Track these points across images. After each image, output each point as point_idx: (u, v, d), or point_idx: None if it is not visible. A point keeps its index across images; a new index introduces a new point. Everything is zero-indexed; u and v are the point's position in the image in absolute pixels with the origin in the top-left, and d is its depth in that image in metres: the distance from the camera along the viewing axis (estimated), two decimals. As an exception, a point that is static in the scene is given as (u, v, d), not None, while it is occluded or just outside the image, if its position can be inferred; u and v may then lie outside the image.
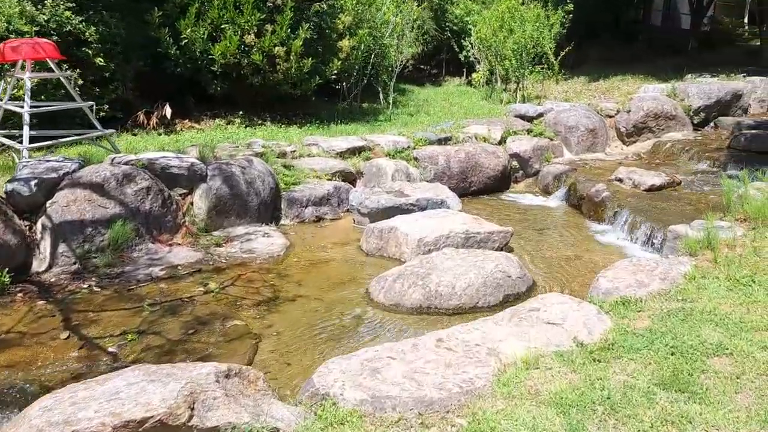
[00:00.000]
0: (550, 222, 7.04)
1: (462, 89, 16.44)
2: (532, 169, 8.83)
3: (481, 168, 8.13)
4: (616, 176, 7.59)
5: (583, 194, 7.35)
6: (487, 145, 8.46)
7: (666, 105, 9.99)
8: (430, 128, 8.98)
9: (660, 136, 9.99)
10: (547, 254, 5.82)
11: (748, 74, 11.37)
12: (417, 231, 5.39)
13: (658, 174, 7.44)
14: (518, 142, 8.85)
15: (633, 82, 13.35)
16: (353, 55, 10.73)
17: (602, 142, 9.63)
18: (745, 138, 8.76)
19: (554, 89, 14.25)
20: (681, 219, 6.03)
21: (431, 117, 11.65)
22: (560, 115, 9.53)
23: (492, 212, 7.45)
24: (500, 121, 9.41)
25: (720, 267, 4.12)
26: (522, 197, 8.32)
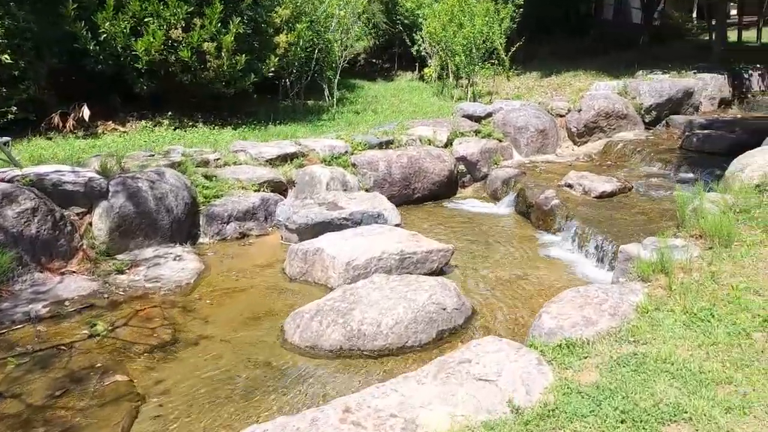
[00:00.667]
0: (497, 233, 6.56)
1: (414, 85, 15.92)
2: (480, 172, 8.35)
3: (425, 173, 7.60)
4: (566, 182, 7.17)
5: (532, 202, 6.90)
6: (432, 149, 7.93)
7: (617, 104, 9.66)
8: (371, 130, 8.41)
9: (611, 136, 9.66)
10: (491, 273, 5.32)
11: (699, 71, 11.15)
12: (346, 252, 4.82)
13: (609, 179, 7.04)
14: (465, 144, 8.36)
15: (585, 78, 13.05)
16: (292, 51, 10.06)
17: (553, 143, 9.23)
18: (697, 138, 8.47)
19: (506, 85, 13.86)
20: (633, 230, 5.63)
21: (378, 116, 11.08)
22: (509, 115, 9.08)
23: (435, 222, 6.94)
24: (447, 122, 8.90)
25: (675, 296, 3.67)
26: (469, 204, 7.83)
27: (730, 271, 3.86)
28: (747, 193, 4.88)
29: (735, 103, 11.13)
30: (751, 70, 11.43)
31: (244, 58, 8.96)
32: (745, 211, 4.62)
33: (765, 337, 3.14)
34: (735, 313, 3.39)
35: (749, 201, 4.74)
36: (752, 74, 11.40)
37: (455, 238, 6.35)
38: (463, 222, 6.98)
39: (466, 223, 6.95)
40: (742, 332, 3.19)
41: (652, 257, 4.12)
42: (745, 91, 11.24)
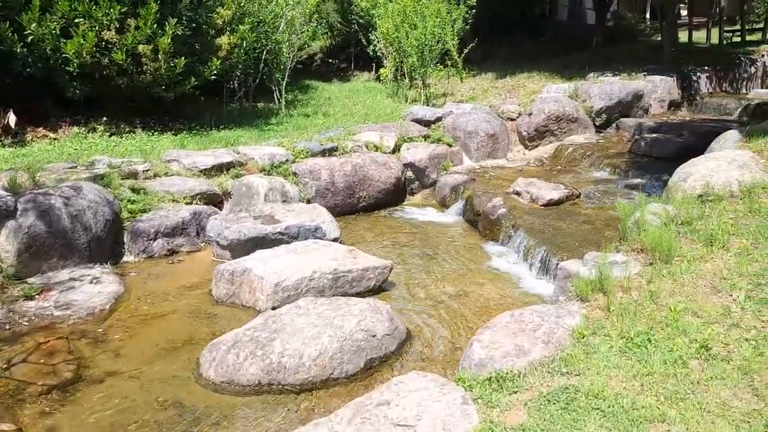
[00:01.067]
0: (443, 243, 6.35)
1: (369, 85, 15.68)
2: (429, 179, 8.14)
3: (370, 181, 7.35)
4: (514, 189, 7.00)
5: (479, 210, 6.72)
6: (378, 155, 7.68)
7: (568, 107, 9.57)
8: (316, 137, 8.11)
9: (562, 140, 9.57)
10: (432, 289, 5.10)
11: (649, 73, 11.16)
12: (276, 272, 4.53)
13: (556, 187, 6.90)
14: (414, 150, 8.13)
15: (539, 80, 13.01)
16: (235, 53, 9.68)
17: (504, 148, 9.09)
18: (645, 143, 8.43)
19: (461, 87, 13.74)
20: (578, 241, 5.48)
21: (329, 119, 10.79)
22: (459, 119, 8.90)
23: (380, 233, 6.69)
24: (395, 127, 8.66)
25: (613, 318, 3.50)
26: (417, 212, 7.61)
27: (669, 289, 3.71)
28: (689, 203, 4.77)
29: (684, 105, 11.18)
30: (700, 72, 11.51)
31: (184, 61, 8.56)
32: (687, 223, 4.50)
33: (701, 366, 2.97)
34: (672, 338, 3.22)
35: (691, 212, 4.62)
36: (700, 76, 11.48)
37: (399, 250, 6.12)
38: (409, 232, 6.75)
39: (412, 233, 6.72)
40: (678, 360, 3.02)
41: (592, 275, 3.95)
42: (693, 93, 11.31)
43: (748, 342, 3.10)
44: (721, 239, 4.14)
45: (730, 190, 4.81)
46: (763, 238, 4.12)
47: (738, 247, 4.05)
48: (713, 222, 4.42)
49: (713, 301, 3.53)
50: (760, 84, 12.16)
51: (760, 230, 4.22)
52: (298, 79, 15.94)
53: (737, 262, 3.87)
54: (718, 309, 3.42)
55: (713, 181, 4.88)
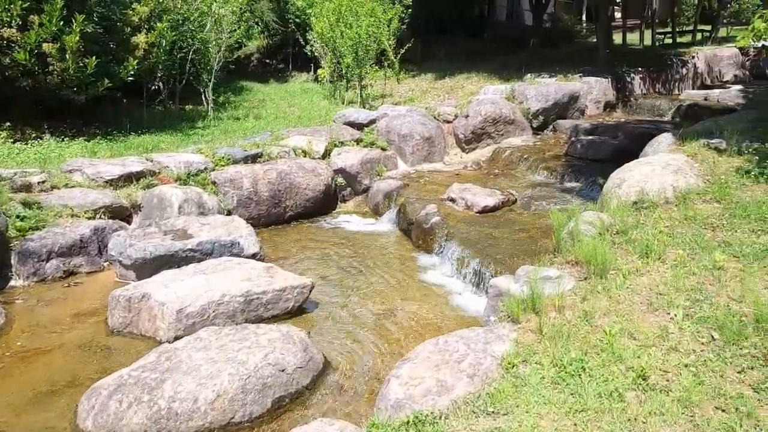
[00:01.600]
0: (374, 255, 5.97)
1: (307, 87, 15.21)
2: (362, 185, 7.76)
3: (297, 189, 6.91)
4: (449, 195, 6.69)
5: (412, 219, 6.38)
6: (306, 161, 7.24)
7: (504, 109, 9.37)
8: (240, 142, 7.60)
9: (500, 142, 9.36)
10: (358, 308, 4.71)
11: (584, 74, 11.12)
12: (179, 297, 4.04)
13: (492, 192, 6.63)
14: (345, 155, 7.73)
15: (478, 81, 12.84)
16: (155, 52, 9.04)
17: (440, 151, 8.80)
18: (582, 145, 8.29)
19: (400, 88, 13.44)
20: (513, 252, 5.20)
21: (260, 122, 10.28)
22: (393, 122, 8.55)
23: (307, 245, 6.26)
24: (326, 131, 8.24)
25: (546, 342, 3.19)
26: (349, 220, 7.21)
27: (604, 308, 3.43)
28: (624, 211, 4.54)
29: (619, 106, 11.19)
30: (633, 73, 11.55)
31: (95, 61, 7.90)
32: (622, 233, 4.26)
33: (639, 399, 2.69)
34: (608, 365, 2.93)
35: (626, 221, 4.39)
36: (634, 77, 11.52)
37: (326, 263, 5.71)
38: (339, 243, 6.35)
39: (342, 243, 6.32)
40: (614, 393, 2.73)
41: (523, 293, 3.65)
42: (628, 94, 11.34)
43: (687, 369, 2.84)
44: (657, 250, 3.91)
45: (665, 197, 4.62)
46: (699, 248, 3.91)
47: (674, 259, 3.83)
48: (649, 231, 4.20)
49: (650, 320, 3.27)
50: (691, 85, 12.33)
51: (696, 239, 4.01)
52: (233, 80, 15.31)
53: (674, 275, 3.63)
54: (655, 330, 3.16)
55: (648, 187, 4.68)
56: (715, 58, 12.70)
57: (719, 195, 4.55)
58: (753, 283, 3.41)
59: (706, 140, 5.51)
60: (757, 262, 3.63)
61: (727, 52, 12.89)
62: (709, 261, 3.71)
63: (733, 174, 4.86)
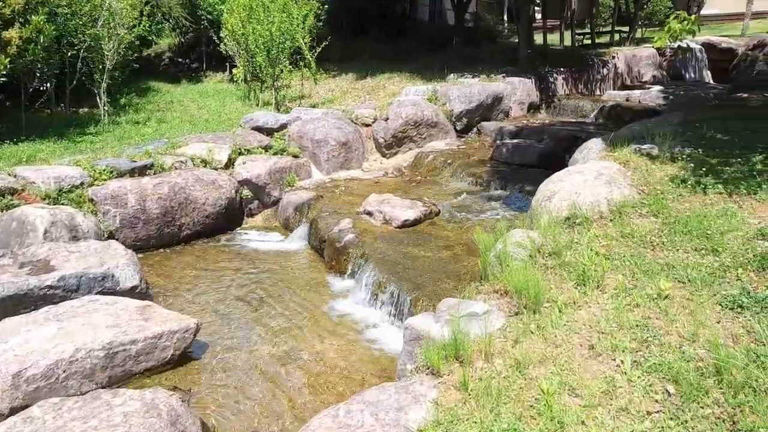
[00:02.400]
0: (281, 280, 5.25)
1: (221, 87, 14.23)
2: (271, 197, 7.00)
3: (195, 204, 6.08)
4: (365, 208, 6.05)
5: (324, 236, 5.69)
6: (204, 172, 6.41)
7: (426, 111, 8.84)
8: (128, 151, 6.68)
9: (422, 146, 8.83)
10: (255, 352, 3.99)
11: (507, 75, 10.78)
12: (18, 355, 3.19)
13: (413, 204, 6.04)
14: (251, 164, 6.95)
15: (400, 81, 12.32)
16: (31, 48, 7.93)
17: (358, 157, 8.15)
18: (507, 149, 7.86)
19: (319, 88, 12.72)
20: (435, 275, 4.61)
21: (163, 126, 9.32)
22: (306, 126, 7.83)
23: (204, 269, 5.46)
24: (230, 137, 7.42)
25: (472, 403, 2.60)
26: (256, 238, 6.45)
27: (540, 353, 2.87)
28: (556, 228, 4.03)
29: (542, 107, 10.92)
30: (556, 74, 11.32)
31: (-46, 58, 6.78)
32: (556, 255, 3.74)
33: (587, 487, 2.12)
34: (547, 436, 2.36)
35: (559, 240, 3.87)
36: (557, 77, 11.29)
37: (223, 293, 4.94)
38: (242, 266, 5.58)
39: (246, 266, 5.56)
40: (557, 479, 2.15)
41: (445, 336, 3.04)
42: (551, 95, 11.09)
43: (643, 439, 2.30)
44: (594, 276, 3.39)
45: (599, 211, 4.14)
46: (640, 271, 3.42)
47: (614, 287, 3.32)
48: (584, 252, 3.69)
49: (593, 369, 2.73)
50: (612, 85, 12.26)
51: (636, 261, 3.53)
52: (140, 80, 14.12)
53: (615, 307, 3.12)
54: (600, 383, 2.62)
55: (580, 200, 4.19)
56: (634, 58, 12.71)
57: (656, 208, 4.11)
58: (704, 316, 2.93)
59: (637, 146, 5.12)
60: (705, 289, 3.17)
61: (645, 53, 12.94)
62: (653, 288, 3.22)
63: (669, 183, 4.46)
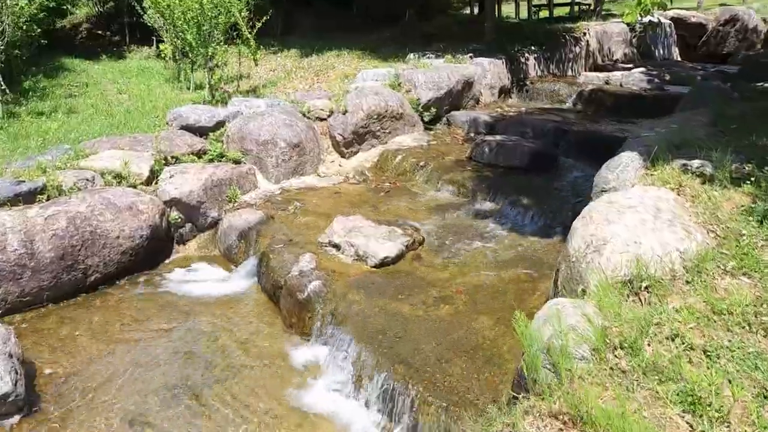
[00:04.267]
0: (226, 348, 3.91)
1: (147, 65, 12.37)
2: (208, 218, 5.57)
3: (106, 239, 4.61)
4: (330, 239, 4.73)
5: (281, 280, 4.36)
6: (119, 194, 4.91)
7: (391, 101, 7.51)
8: (13, 167, 5.07)
9: (386, 142, 7.53)
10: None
11: (475, 54, 9.54)
12: None
13: (390, 232, 4.75)
14: (181, 177, 5.47)
15: (350, 60, 10.93)
16: None
17: (313, 159, 6.77)
18: (490, 148, 6.64)
19: (259, 68, 11.13)
20: (440, 352, 3.38)
21: (74, 119, 7.64)
22: (249, 124, 6.36)
23: (115, 333, 4.04)
24: (152, 140, 5.90)
25: None
26: (189, 275, 5.03)
27: None
28: (616, 296, 2.86)
29: (514, 91, 9.77)
30: (527, 53, 10.15)
31: None
32: (631, 349, 2.56)
33: None
34: None
35: (626, 318, 2.70)
36: (528, 57, 10.13)
37: (145, 380, 3.56)
38: (171, 325, 4.19)
39: (176, 327, 4.17)
40: None
41: None
42: (523, 77, 9.94)
43: None
44: (705, 396, 2.25)
45: (672, 270, 2.99)
46: None
47: (741, 415, 2.19)
48: (672, 345, 2.54)
49: None
50: (584, 65, 11.22)
51: (754, 363, 2.40)
52: (52, 58, 12.10)
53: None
54: None
55: (643, 252, 3.02)
56: (605, 35, 11.70)
57: (746, 262, 2.99)
58: None
59: (683, 161, 3.99)
60: None
61: (616, 29, 11.95)
62: (805, 422, 2.10)
63: (746, 221, 3.35)
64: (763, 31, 12.39)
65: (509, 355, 3.32)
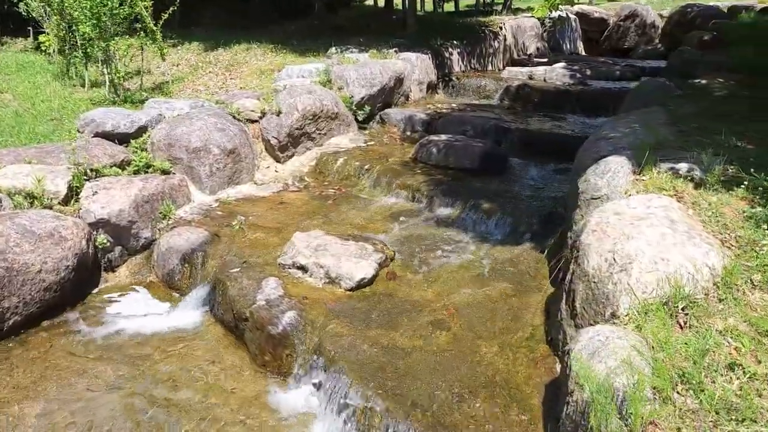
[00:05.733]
0: (187, 396, 3.32)
1: (26, 59, 10.95)
2: (140, 239, 4.85)
3: (25, 275, 3.83)
4: (295, 259, 4.22)
5: (245, 313, 3.81)
6: (35, 218, 4.11)
7: (326, 100, 7.02)
8: None
9: (322, 144, 7.05)
10: None
11: (400, 49, 9.23)
12: None
13: (361, 249, 4.32)
14: (105, 194, 4.71)
15: (263, 54, 10.31)
16: None
17: (249, 166, 6.17)
18: (438, 149, 6.35)
19: (160, 63, 10.19)
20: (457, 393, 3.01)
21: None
22: (176, 129, 5.64)
23: (40, 395, 3.33)
24: (65, 150, 5.05)
25: None
26: (126, 309, 4.33)
27: None
28: (659, 322, 2.64)
29: (440, 87, 9.58)
30: (451, 48, 9.99)
31: None
32: (697, 387, 2.33)
33: None
34: None
35: (682, 351, 2.48)
36: (452, 52, 9.97)
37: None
38: (111, 378, 3.52)
39: (113, 372, 3.51)
40: None
41: None
42: (448, 72, 9.76)
43: None
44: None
45: (704, 287, 2.81)
46: None
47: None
48: (734, 378, 2.34)
49: None
50: (502, 60, 11.25)
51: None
52: None
53: None
54: None
55: (673, 270, 2.83)
56: (519, 29, 11.80)
57: None
58: None
59: (670, 165, 3.88)
60: None
61: (529, 23, 12.10)
62: None
63: (752, 227, 3.26)
64: (659, 26, 13.05)
65: (528, 387, 3.03)
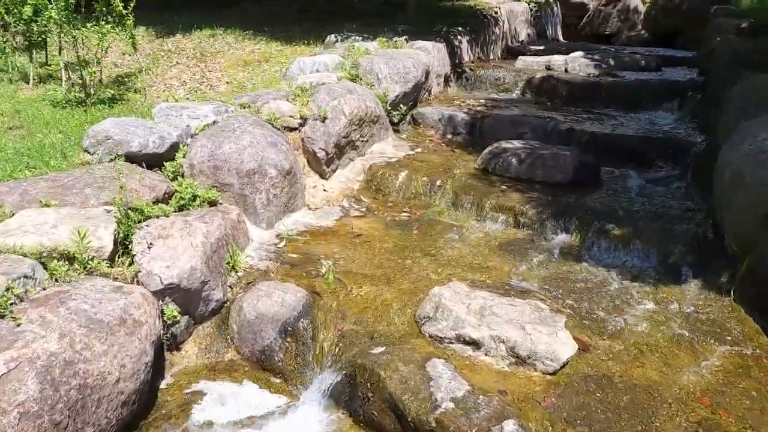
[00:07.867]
0: None
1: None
2: (210, 303, 3.60)
3: (101, 392, 2.56)
4: (460, 333, 3.16)
5: (422, 420, 2.74)
6: (93, 296, 2.80)
7: (368, 100, 5.88)
8: None
9: (364, 153, 5.95)
10: None
11: (410, 37, 8.15)
12: None
13: (536, 311, 3.30)
14: (164, 245, 3.39)
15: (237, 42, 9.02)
16: None
17: (301, 188, 4.96)
18: (519, 160, 5.41)
19: (111, 53, 8.47)
20: None
21: None
22: (223, 147, 4.32)
23: None
24: (88, 184, 3.66)
25: None
26: (209, 413, 3.12)
27: None
28: None
29: (453, 79, 8.61)
30: (460, 36, 9.02)
31: None
32: None
33: None
34: None
35: None
36: (462, 40, 9.01)
37: None
38: None
39: None
40: None
41: None
42: (459, 63, 8.81)
43: None
44: None
45: None
46: None
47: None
48: None
49: None
50: (499, 48, 10.41)
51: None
52: None
53: None
54: None
55: None
56: (512, 14, 11.01)
57: None
58: None
59: None
60: None
61: (520, 8, 11.33)
62: None
63: None
64: (642, 11, 12.71)
65: None
